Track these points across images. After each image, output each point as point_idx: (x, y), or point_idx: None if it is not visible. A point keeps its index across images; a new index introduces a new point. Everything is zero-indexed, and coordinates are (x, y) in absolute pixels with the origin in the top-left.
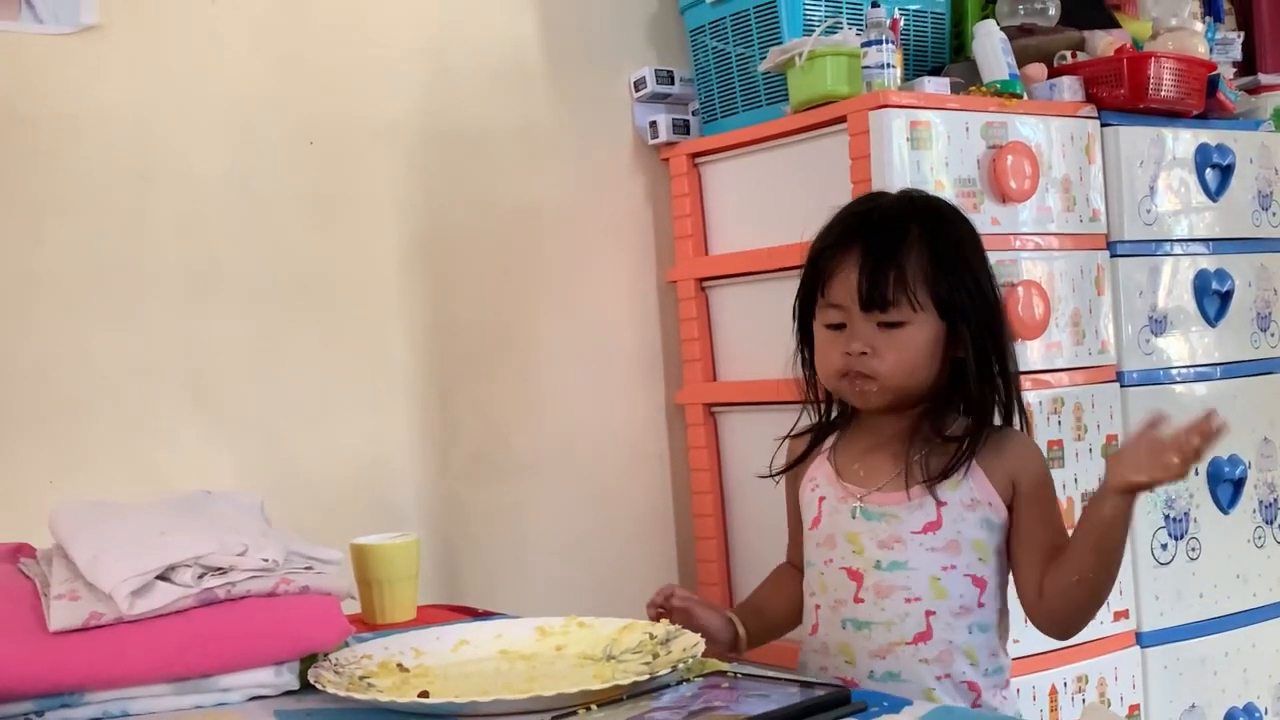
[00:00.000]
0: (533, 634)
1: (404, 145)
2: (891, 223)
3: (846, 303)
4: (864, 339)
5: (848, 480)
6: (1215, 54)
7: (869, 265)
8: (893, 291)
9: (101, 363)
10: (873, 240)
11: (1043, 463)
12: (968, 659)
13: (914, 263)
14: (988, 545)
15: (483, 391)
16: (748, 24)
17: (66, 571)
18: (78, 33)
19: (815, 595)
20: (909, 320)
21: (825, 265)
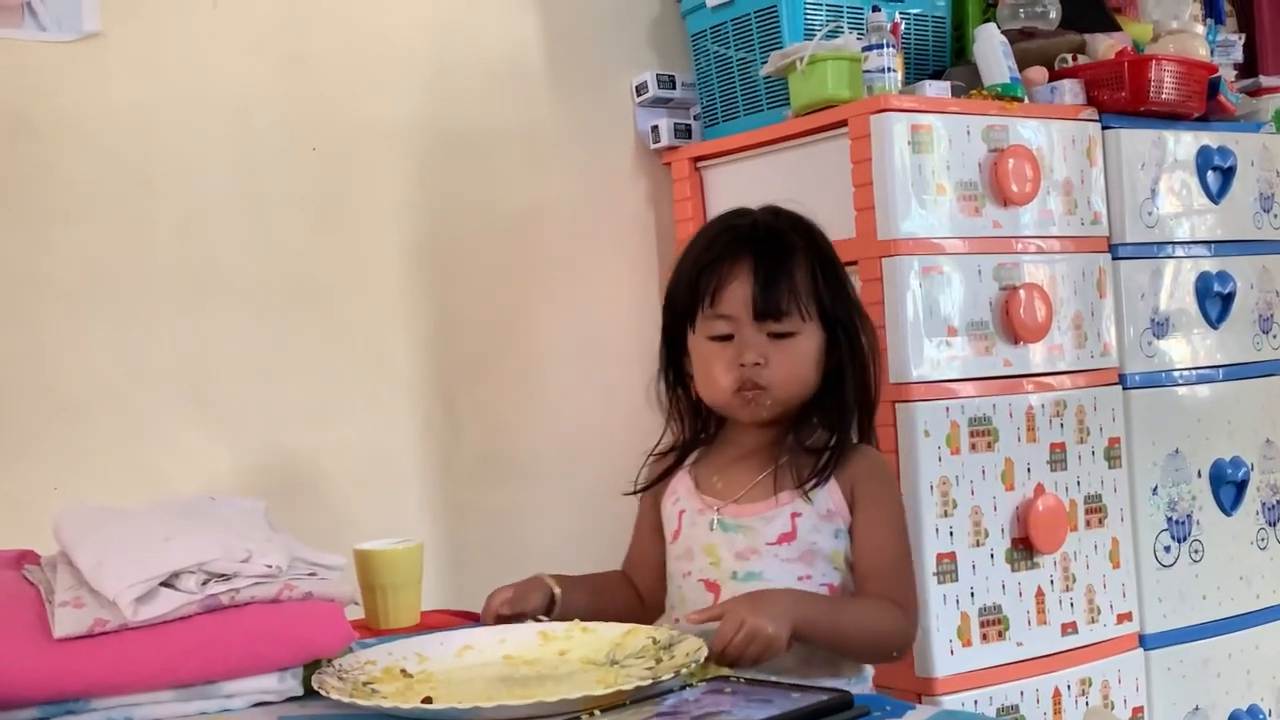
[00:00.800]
0: (536, 639)
1: (406, 149)
2: (777, 235)
3: (737, 313)
4: (757, 349)
5: (706, 493)
6: (1216, 56)
7: (763, 275)
8: (785, 301)
9: (105, 367)
10: (763, 252)
11: (881, 476)
12: (827, 669)
13: (801, 274)
14: (843, 555)
15: (485, 394)
16: (749, 28)
17: (71, 578)
18: (80, 39)
19: (675, 609)
20: (798, 330)
21: (711, 277)
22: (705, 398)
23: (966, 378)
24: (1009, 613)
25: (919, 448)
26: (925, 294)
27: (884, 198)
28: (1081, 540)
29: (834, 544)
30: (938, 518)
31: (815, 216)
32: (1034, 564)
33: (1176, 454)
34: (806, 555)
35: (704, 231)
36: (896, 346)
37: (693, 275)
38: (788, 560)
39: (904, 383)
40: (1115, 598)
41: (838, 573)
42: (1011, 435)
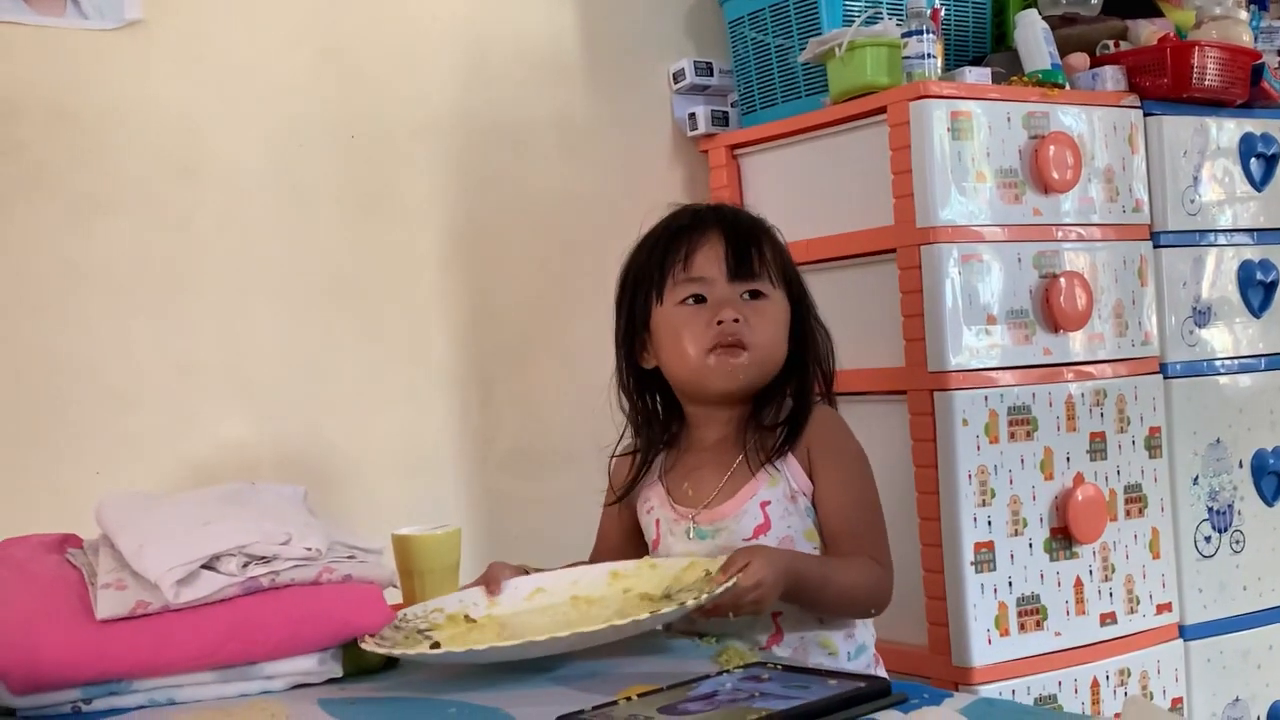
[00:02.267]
0: (605, 578)
1: (444, 139)
2: (741, 212)
3: (712, 274)
4: (735, 307)
5: (679, 501)
6: (1260, 43)
7: (734, 238)
8: (757, 264)
9: (146, 356)
10: (732, 220)
11: (834, 433)
12: (825, 650)
13: (769, 246)
14: (818, 531)
15: (522, 383)
16: (787, 15)
17: (113, 561)
18: (121, 28)
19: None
20: (769, 294)
21: (680, 243)
22: (675, 371)
23: (1005, 366)
24: (1047, 602)
25: (957, 436)
26: (964, 282)
27: (923, 185)
28: (1121, 530)
29: (805, 522)
30: (976, 507)
31: (853, 203)
32: (1073, 554)
33: (1218, 444)
34: (785, 541)
35: (658, 223)
36: (935, 335)
37: (660, 248)
38: None
39: (942, 371)
40: (1155, 588)
41: (816, 550)
42: (1051, 424)
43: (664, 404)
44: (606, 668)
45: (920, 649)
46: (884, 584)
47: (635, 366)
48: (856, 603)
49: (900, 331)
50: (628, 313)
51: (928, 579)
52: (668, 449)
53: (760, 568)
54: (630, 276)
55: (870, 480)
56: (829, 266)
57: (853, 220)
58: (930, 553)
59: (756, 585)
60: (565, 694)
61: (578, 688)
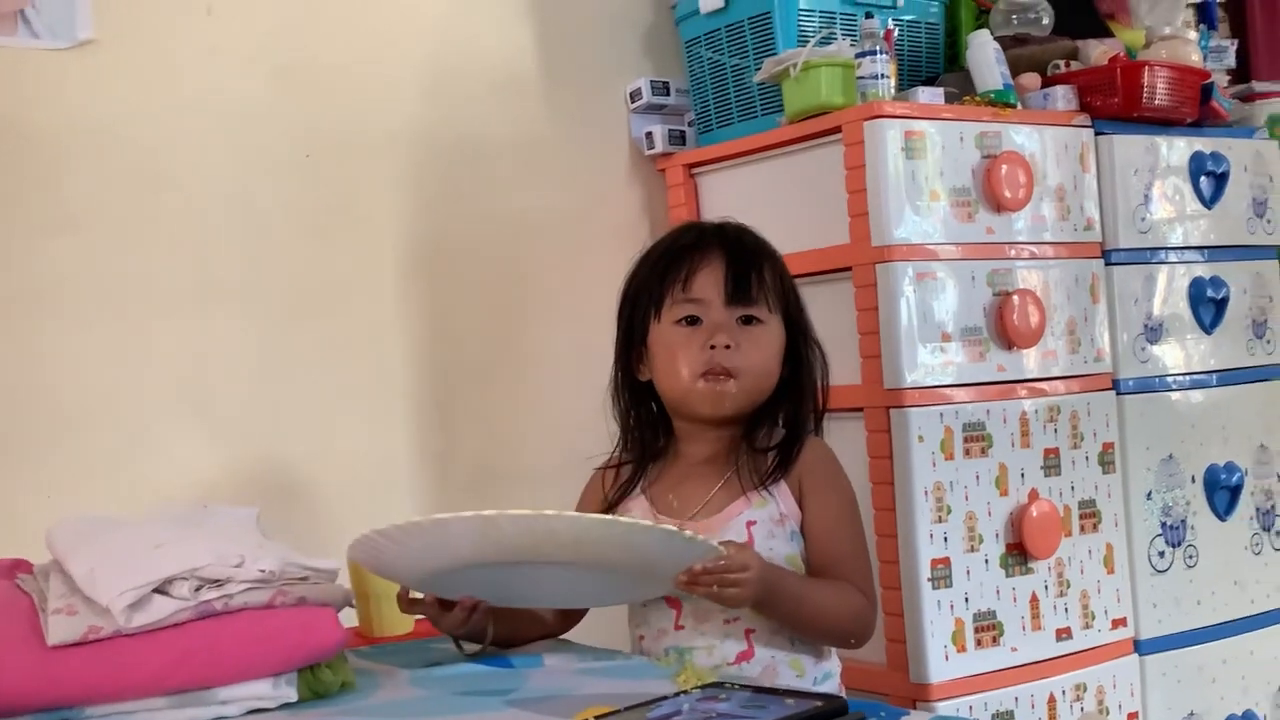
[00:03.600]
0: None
1: (402, 156)
2: (746, 234)
3: (709, 296)
4: (728, 332)
5: (663, 512)
6: (1209, 62)
7: (735, 262)
8: (755, 289)
9: (99, 377)
10: (734, 244)
11: (827, 466)
12: (793, 671)
13: (769, 271)
14: (799, 556)
15: (482, 401)
16: (743, 35)
17: (64, 586)
18: (74, 47)
19: (639, 627)
20: (766, 321)
21: (683, 264)
22: (666, 389)
23: (960, 383)
24: (1003, 618)
25: (913, 453)
26: (919, 300)
27: (877, 204)
28: (1076, 545)
29: (789, 547)
30: (932, 523)
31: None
32: (1028, 569)
33: (1170, 459)
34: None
35: (664, 237)
36: (890, 352)
37: (661, 265)
38: None
39: (898, 388)
40: (1110, 603)
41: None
42: (1005, 441)
43: (655, 417)
44: (564, 690)
45: (878, 666)
46: (867, 615)
47: (630, 378)
48: (835, 628)
49: (857, 349)
50: (627, 324)
51: (885, 596)
52: (654, 462)
53: (750, 559)
54: (632, 289)
55: (858, 516)
56: None
57: (809, 239)
58: (887, 569)
59: (744, 568)
60: (522, 716)
61: (535, 710)
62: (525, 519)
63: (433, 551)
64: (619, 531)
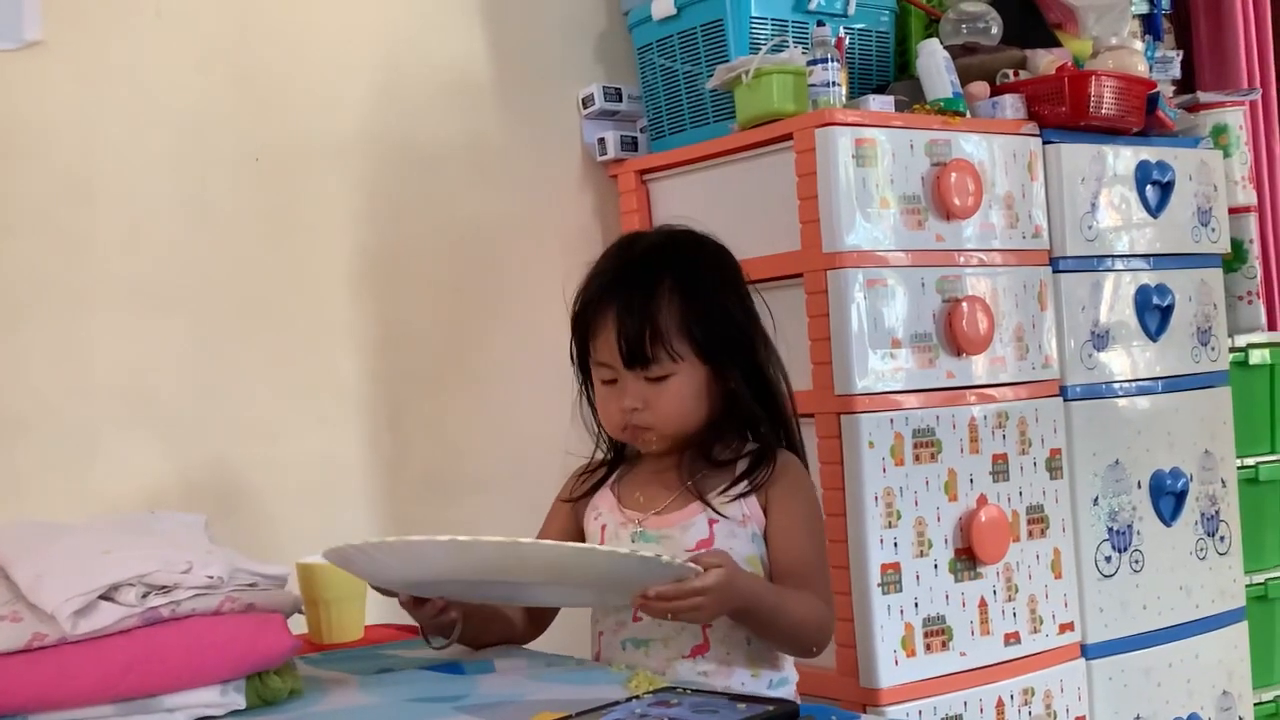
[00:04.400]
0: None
1: (353, 162)
2: (644, 277)
3: (613, 361)
4: (634, 395)
5: (629, 507)
6: (1155, 72)
7: (626, 325)
8: (650, 349)
9: (43, 382)
10: (626, 299)
11: (793, 479)
12: (748, 670)
13: (668, 315)
14: (759, 559)
15: (433, 409)
16: (695, 42)
17: (8, 593)
18: (21, 49)
19: (599, 622)
20: (672, 372)
21: (588, 325)
22: (608, 432)
23: (910, 389)
24: (952, 623)
25: (863, 459)
26: (869, 306)
27: (828, 211)
28: (1024, 551)
29: (749, 548)
30: (882, 529)
31: (761, 228)
32: (977, 574)
33: (1117, 465)
34: None
35: (590, 269)
36: (841, 358)
37: (576, 322)
38: None
39: (848, 394)
40: (1057, 608)
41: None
42: (954, 446)
43: None
44: (515, 695)
45: (828, 671)
46: (828, 624)
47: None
48: (801, 638)
49: (808, 355)
50: (577, 362)
51: (836, 601)
52: (625, 462)
53: (717, 578)
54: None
55: (822, 527)
56: None
57: (760, 245)
58: (838, 575)
59: (703, 591)
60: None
61: (486, 716)
62: (502, 546)
63: (408, 567)
64: (598, 559)
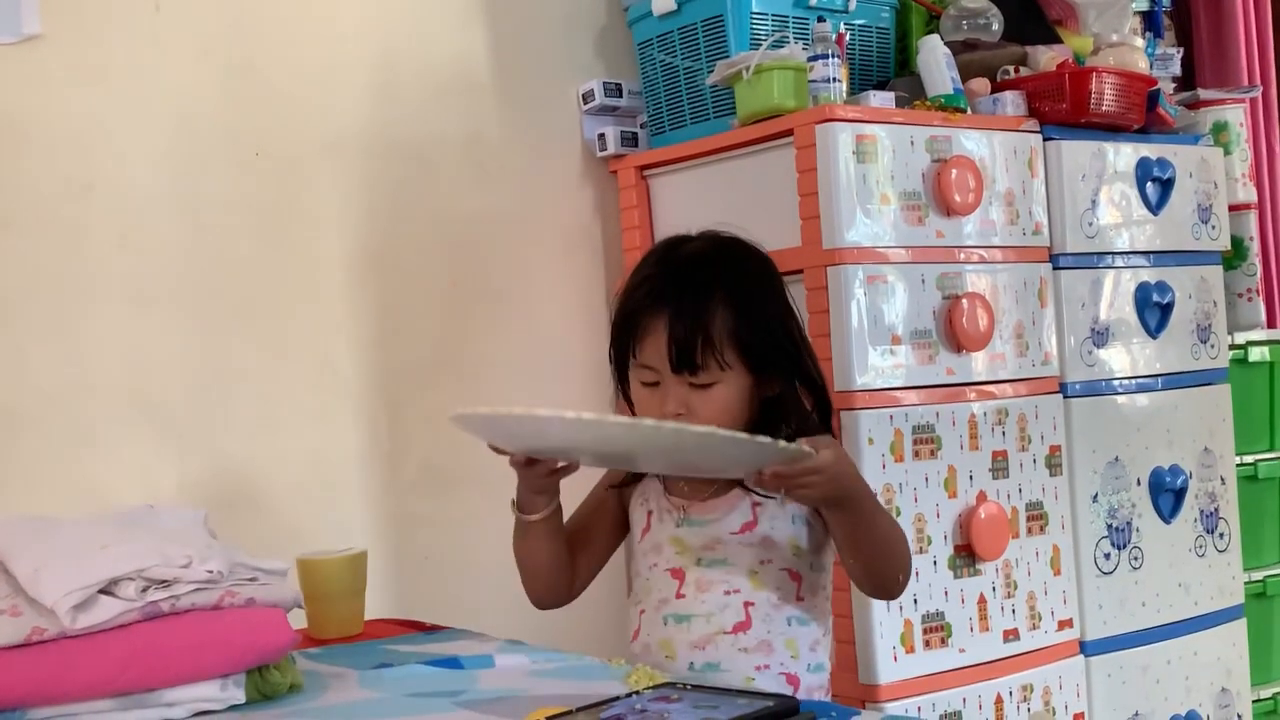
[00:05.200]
0: None
1: (351, 158)
2: (697, 282)
3: (658, 365)
4: (678, 400)
5: (674, 495)
6: (1155, 69)
7: (677, 331)
8: (701, 356)
9: (42, 376)
10: (680, 304)
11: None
12: (788, 650)
13: (719, 324)
14: (801, 542)
15: (431, 403)
16: (695, 37)
17: (7, 586)
18: (20, 42)
19: (640, 602)
20: (719, 380)
21: (635, 327)
22: None
23: (910, 386)
24: (951, 619)
25: (863, 455)
26: (869, 303)
27: (828, 207)
28: (1023, 547)
29: (790, 529)
30: None
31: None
32: (976, 571)
33: (1116, 462)
34: (766, 541)
35: (637, 269)
36: (841, 355)
37: (621, 324)
38: (749, 545)
39: (848, 391)
40: (1056, 604)
41: (798, 559)
42: (954, 443)
43: None
44: (515, 691)
45: None
46: (910, 559)
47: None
48: (895, 555)
49: None
50: (616, 363)
51: (835, 597)
52: None
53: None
54: (613, 332)
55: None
56: None
57: (761, 241)
58: (837, 570)
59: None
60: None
61: (485, 711)
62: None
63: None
64: (716, 442)
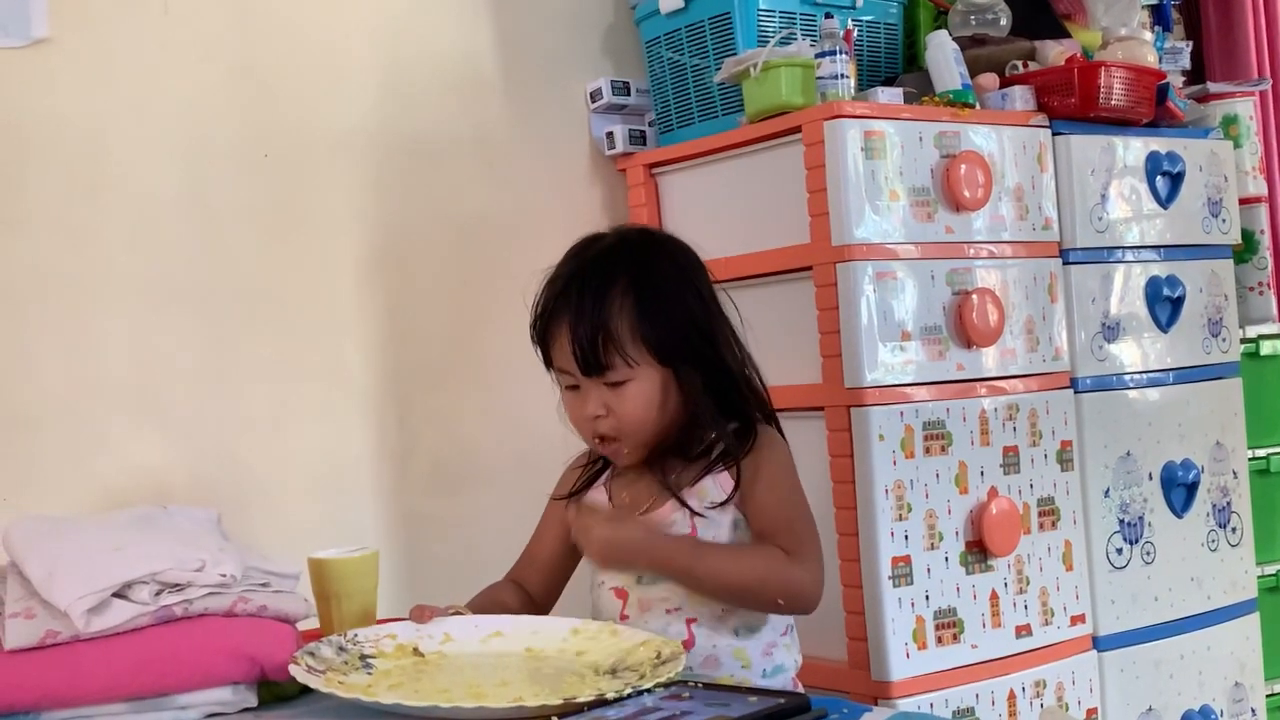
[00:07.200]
0: (565, 634)
1: (360, 156)
2: (595, 282)
3: (571, 368)
4: (595, 402)
5: (617, 506)
6: (1164, 63)
7: (579, 334)
8: (605, 355)
9: (53, 378)
10: (579, 307)
11: (771, 453)
12: (737, 661)
13: (620, 320)
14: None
15: (441, 402)
16: (703, 35)
17: (21, 589)
18: (29, 45)
19: (598, 618)
20: (630, 377)
21: (544, 335)
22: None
23: (920, 382)
24: (964, 615)
25: (873, 452)
26: (879, 299)
27: (837, 204)
28: (1035, 543)
29: (734, 534)
30: (892, 521)
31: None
32: (988, 567)
33: (1128, 456)
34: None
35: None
36: (851, 351)
37: (533, 332)
38: None
39: (858, 387)
40: (1068, 600)
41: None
42: (965, 439)
43: None
44: None
45: (839, 664)
46: (794, 577)
47: None
48: (748, 590)
49: (817, 348)
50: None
51: (846, 594)
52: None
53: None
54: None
55: (795, 484)
56: (746, 284)
57: (769, 238)
58: (848, 568)
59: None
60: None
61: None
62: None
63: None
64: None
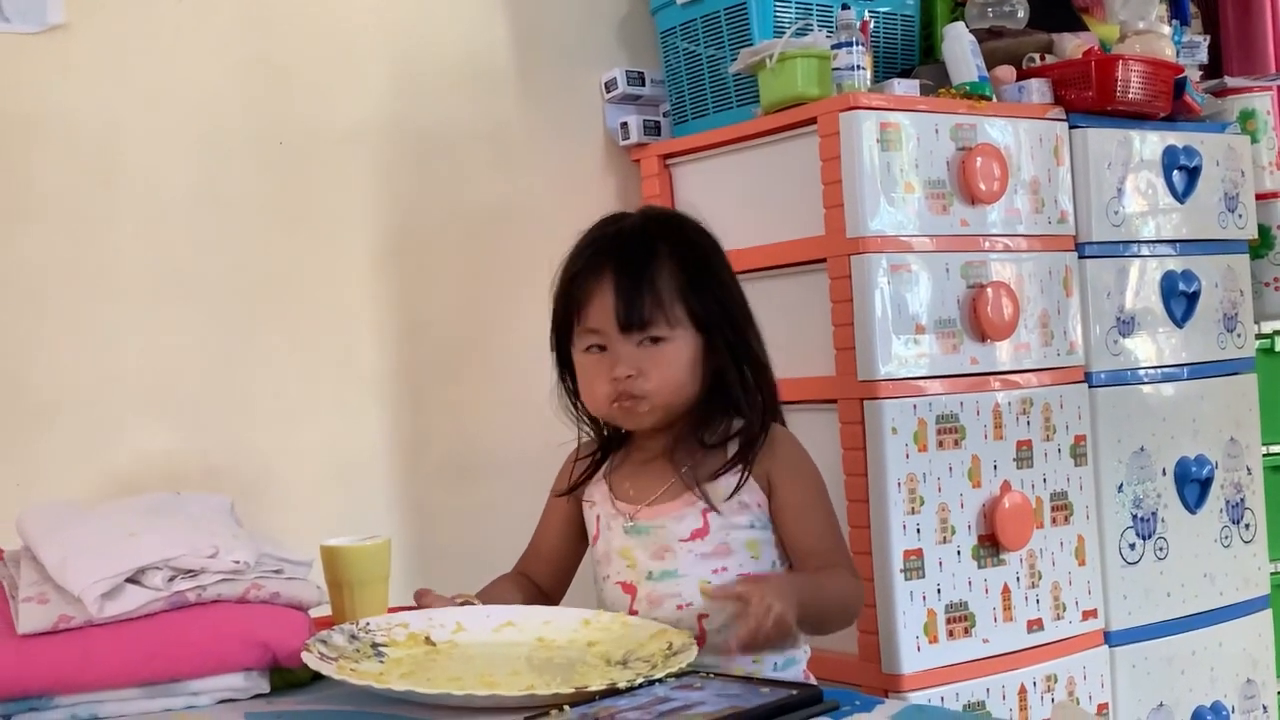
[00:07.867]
0: (577, 625)
1: (374, 147)
2: (639, 242)
3: (605, 327)
4: (628, 361)
5: (620, 499)
6: (1182, 57)
7: (623, 286)
8: (649, 310)
9: (67, 366)
10: (623, 261)
11: (799, 458)
12: (749, 657)
13: (665, 280)
14: (761, 542)
15: (454, 393)
16: (718, 25)
17: (35, 574)
18: (44, 32)
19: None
20: (668, 337)
21: (578, 292)
22: (590, 409)
23: (934, 375)
24: (975, 609)
25: (886, 445)
26: (893, 292)
27: (852, 195)
28: (1047, 537)
29: (749, 533)
30: (905, 515)
31: (784, 213)
32: (1000, 561)
33: (1142, 451)
34: (720, 549)
35: (576, 244)
36: (864, 344)
37: (563, 292)
38: (703, 555)
39: (871, 380)
40: (1081, 594)
41: (754, 561)
42: (978, 432)
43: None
44: None
45: (850, 657)
46: (860, 591)
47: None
48: (846, 613)
49: (831, 341)
50: (556, 345)
51: None
52: (616, 450)
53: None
54: (553, 310)
55: (828, 497)
56: (761, 276)
57: (784, 230)
58: (860, 561)
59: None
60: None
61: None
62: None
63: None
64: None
